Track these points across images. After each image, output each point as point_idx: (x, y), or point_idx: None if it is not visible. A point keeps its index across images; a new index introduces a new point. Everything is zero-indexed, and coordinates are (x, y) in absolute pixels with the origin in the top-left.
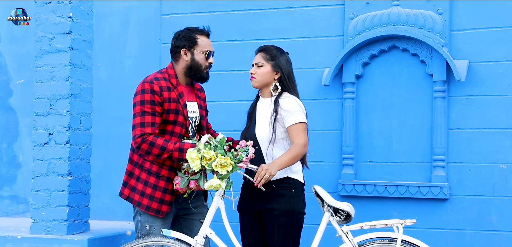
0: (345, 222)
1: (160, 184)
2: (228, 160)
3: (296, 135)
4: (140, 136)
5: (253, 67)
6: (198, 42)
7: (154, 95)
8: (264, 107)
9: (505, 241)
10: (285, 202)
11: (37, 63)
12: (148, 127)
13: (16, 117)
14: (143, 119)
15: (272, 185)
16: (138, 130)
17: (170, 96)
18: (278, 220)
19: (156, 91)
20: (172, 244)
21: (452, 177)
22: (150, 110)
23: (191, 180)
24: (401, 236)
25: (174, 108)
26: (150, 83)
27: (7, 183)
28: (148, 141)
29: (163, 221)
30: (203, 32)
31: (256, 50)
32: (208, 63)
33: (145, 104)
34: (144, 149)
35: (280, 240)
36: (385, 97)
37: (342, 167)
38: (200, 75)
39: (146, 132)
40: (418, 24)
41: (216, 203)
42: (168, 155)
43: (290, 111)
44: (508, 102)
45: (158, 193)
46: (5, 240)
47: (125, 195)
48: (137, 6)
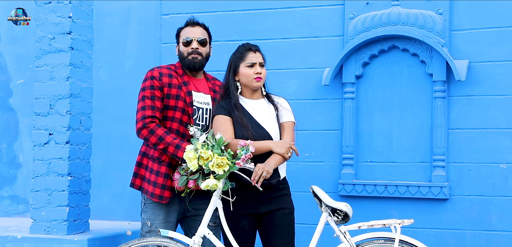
0: (343, 222)
1: (161, 169)
2: (224, 160)
3: (288, 132)
4: (141, 120)
5: (257, 66)
6: (180, 34)
7: (153, 81)
8: (263, 109)
9: (505, 241)
10: (289, 202)
11: (37, 63)
12: (148, 109)
13: (16, 117)
14: (144, 104)
15: (279, 185)
16: (139, 114)
17: (170, 82)
18: (289, 218)
19: (155, 76)
20: (169, 244)
21: (452, 177)
22: (149, 95)
23: (190, 180)
24: (398, 236)
25: (175, 94)
26: (151, 70)
27: (7, 183)
28: (149, 127)
29: (166, 217)
30: (187, 23)
31: (253, 48)
32: (190, 49)
33: (145, 90)
34: (144, 134)
35: (291, 239)
36: (385, 97)
37: (342, 167)
38: (185, 63)
39: (146, 114)
40: (418, 24)
41: (213, 203)
42: (163, 147)
43: (286, 109)
44: (508, 102)
45: (160, 179)
46: (5, 240)
47: (137, 185)
48: (137, 6)
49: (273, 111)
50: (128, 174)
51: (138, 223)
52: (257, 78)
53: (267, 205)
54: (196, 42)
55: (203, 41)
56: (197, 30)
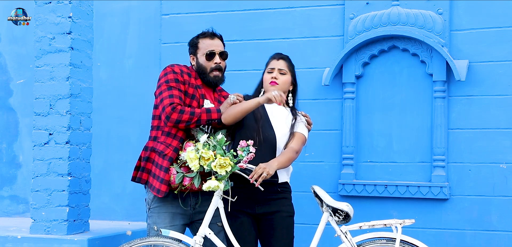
0: (344, 222)
1: (163, 163)
2: (227, 161)
3: (296, 143)
4: (170, 105)
5: (275, 72)
6: (199, 46)
7: (176, 75)
8: (281, 114)
9: (505, 241)
10: (289, 205)
11: (37, 63)
12: (176, 98)
13: (16, 117)
14: (171, 93)
15: (277, 188)
16: (168, 101)
17: (189, 81)
18: (286, 221)
19: (177, 72)
20: (170, 244)
21: (452, 177)
22: (175, 86)
23: (186, 177)
24: (400, 236)
25: (191, 93)
26: (171, 66)
27: (7, 183)
28: (178, 109)
29: (172, 220)
30: (206, 34)
31: (276, 56)
32: (213, 64)
33: (170, 82)
34: (175, 118)
35: (288, 242)
36: (385, 97)
37: (342, 167)
38: (207, 80)
39: (176, 101)
40: (418, 24)
41: (214, 203)
42: (197, 118)
43: (303, 123)
44: (508, 102)
45: (161, 172)
46: (5, 240)
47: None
48: (137, 6)
49: (289, 121)
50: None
51: (138, 223)
52: (271, 82)
53: (264, 206)
54: (219, 56)
55: (225, 55)
56: (218, 42)
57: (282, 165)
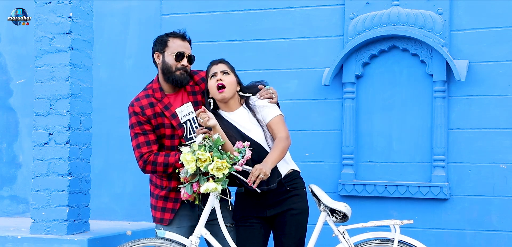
0: (341, 221)
1: (161, 193)
2: (224, 163)
3: (277, 129)
4: (140, 158)
5: (218, 75)
6: (168, 44)
7: (138, 116)
8: (244, 117)
9: (505, 241)
10: (300, 202)
11: (37, 63)
12: (144, 146)
13: (16, 117)
14: (138, 141)
15: (286, 187)
16: (137, 153)
17: (154, 112)
18: (297, 218)
19: (138, 112)
20: (163, 244)
21: (452, 177)
22: (140, 131)
23: (193, 183)
24: (398, 236)
25: (161, 122)
26: (131, 106)
27: (7, 183)
28: (150, 161)
29: (179, 222)
30: (177, 35)
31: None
32: (180, 65)
33: (134, 127)
34: (149, 170)
35: (298, 240)
36: (385, 97)
37: (342, 167)
38: (172, 78)
39: (143, 151)
40: (418, 24)
41: (211, 203)
42: (172, 169)
43: (265, 106)
44: (508, 102)
45: (159, 202)
46: (5, 240)
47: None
48: (137, 6)
49: (253, 118)
50: (128, 174)
51: (138, 223)
52: (218, 85)
53: (275, 208)
54: (187, 59)
55: (192, 59)
56: (187, 45)
57: (277, 160)
